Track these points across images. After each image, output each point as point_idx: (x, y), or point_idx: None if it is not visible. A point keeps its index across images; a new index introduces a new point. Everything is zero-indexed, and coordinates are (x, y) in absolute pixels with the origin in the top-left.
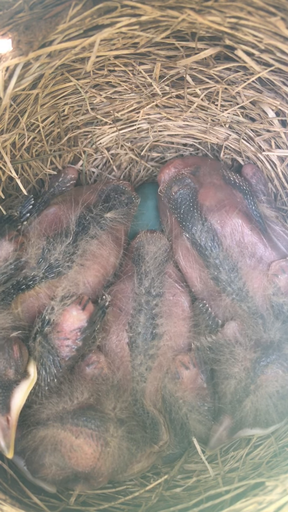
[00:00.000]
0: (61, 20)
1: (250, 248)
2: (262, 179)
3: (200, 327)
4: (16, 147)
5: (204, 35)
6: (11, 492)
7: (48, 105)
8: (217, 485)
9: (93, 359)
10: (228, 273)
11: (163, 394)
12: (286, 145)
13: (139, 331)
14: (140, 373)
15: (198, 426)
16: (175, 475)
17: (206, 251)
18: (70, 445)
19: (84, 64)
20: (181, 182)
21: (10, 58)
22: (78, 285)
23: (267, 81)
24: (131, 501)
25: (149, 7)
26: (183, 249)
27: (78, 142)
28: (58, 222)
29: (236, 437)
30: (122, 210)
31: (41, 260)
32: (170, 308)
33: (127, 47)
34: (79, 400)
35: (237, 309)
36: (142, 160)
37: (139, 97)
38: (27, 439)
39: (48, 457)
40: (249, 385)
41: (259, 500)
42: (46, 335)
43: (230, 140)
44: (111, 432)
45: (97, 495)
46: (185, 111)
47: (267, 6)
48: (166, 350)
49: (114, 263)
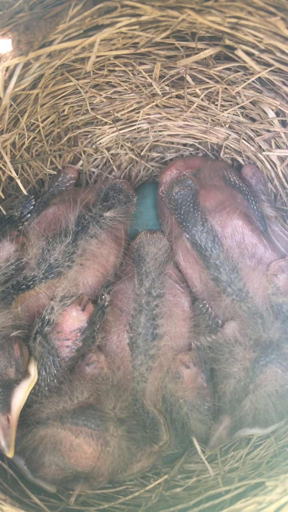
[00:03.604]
0: (61, 20)
1: (251, 249)
2: (261, 179)
3: (200, 327)
4: (16, 147)
5: (204, 35)
6: (11, 492)
7: (48, 105)
8: (217, 485)
9: (93, 359)
10: (228, 274)
11: (164, 393)
12: (286, 145)
13: (139, 331)
14: (141, 373)
15: (199, 426)
16: (175, 475)
17: (206, 252)
18: (70, 444)
19: (84, 64)
20: (182, 183)
21: (10, 58)
22: (78, 285)
23: (267, 81)
24: (131, 501)
25: (149, 7)
26: (183, 250)
27: (78, 142)
28: (57, 222)
29: (236, 436)
30: (121, 209)
31: (41, 261)
32: (170, 308)
33: (127, 47)
34: (79, 399)
35: (237, 310)
36: (142, 160)
37: (139, 97)
38: (27, 438)
39: (48, 456)
40: (248, 384)
41: (259, 500)
42: (46, 335)
43: (230, 140)
44: (111, 431)
45: (97, 495)
46: (185, 111)
47: (267, 6)
48: (167, 350)
49: (114, 262)
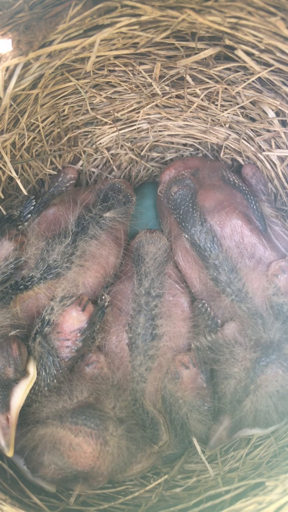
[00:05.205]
0: (61, 20)
1: (250, 249)
2: (261, 179)
3: (200, 327)
4: (16, 147)
5: (204, 35)
6: (11, 492)
7: (48, 105)
8: (217, 485)
9: (93, 359)
10: (227, 274)
11: (163, 394)
12: (286, 145)
13: (138, 332)
14: (140, 374)
15: (199, 426)
16: (175, 475)
17: (205, 252)
18: (69, 443)
19: (84, 64)
20: (181, 182)
21: (10, 58)
22: (78, 286)
23: (267, 81)
24: (131, 501)
25: (149, 7)
26: (183, 250)
27: (78, 142)
28: (57, 223)
29: (236, 437)
30: (121, 209)
31: (40, 261)
32: (169, 308)
33: (127, 47)
34: (79, 399)
35: (237, 310)
36: (142, 160)
37: (139, 97)
38: (26, 437)
39: (47, 455)
40: (248, 385)
41: (259, 500)
42: (45, 335)
43: (230, 140)
44: (111, 431)
45: (97, 495)
46: (185, 111)
47: (267, 6)
48: (166, 351)
49: (114, 263)
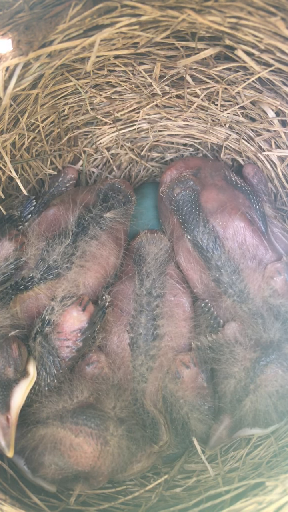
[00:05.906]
0: (61, 20)
1: (252, 250)
2: (263, 179)
3: (201, 327)
4: (16, 147)
5: (204, 35)
6: (11, 492)
7: (48, 105)
8: (217, 485)
9: (93, 359)
10: (229, 275)
11: (164, 394)
12: (286, 145)
13: (140, 332)
14: (141, 373)
15: (199, 425)
16: (175, 475)
17: (207, 253)
18: (70, 443)
19: (84, 64)
20: (183, 183)
21: (10, 58)
22: (78, 286)
23: (267, 81)
24: (131, 501)
25: (149, 7)
26: (185, 251)
27: (78, 142)
28: (57, 224)
29: (236, 436)
30: (121, 210)
31: (40, 261)
32: (171, 309)
33: (127, 47)
34: (79, 399)
35: (238, 310)
36: (142, 160)
37: (139, 97)
38: (27, 437)
39: (48, 455)
40: (248, 384)
41: (259, 500)
42: (46, 335)
43: (230, 140)
44: (111, 431)
45: (97, 495)
46: (185, 111)
47: (267, 6)
48: (167, 351)
49: (114, 263)
